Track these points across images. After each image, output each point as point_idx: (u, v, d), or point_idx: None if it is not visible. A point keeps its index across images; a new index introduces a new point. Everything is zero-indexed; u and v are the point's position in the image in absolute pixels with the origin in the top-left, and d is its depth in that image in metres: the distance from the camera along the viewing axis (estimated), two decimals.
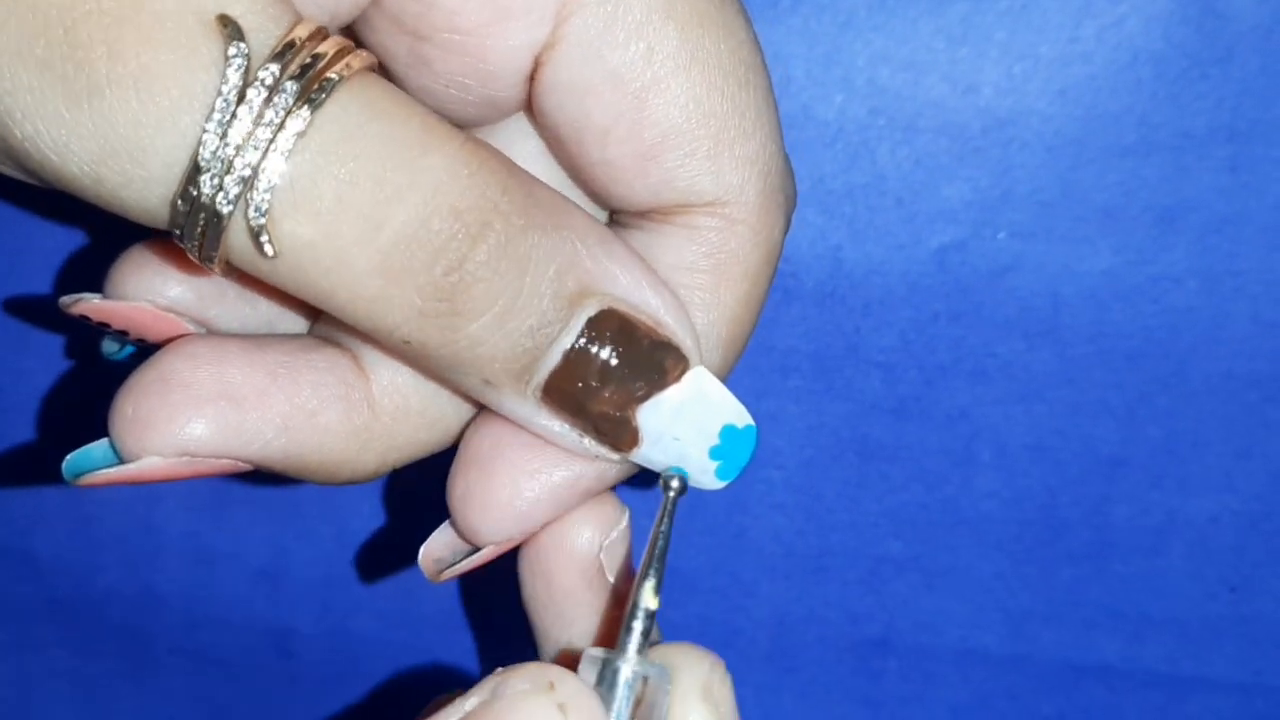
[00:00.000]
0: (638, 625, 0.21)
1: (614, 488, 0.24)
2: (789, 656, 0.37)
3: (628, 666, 0.20)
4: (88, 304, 0.24)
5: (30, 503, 0.37)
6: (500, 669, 0.20)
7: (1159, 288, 0.32)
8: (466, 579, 0.37)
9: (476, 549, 0.24)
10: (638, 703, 0.20)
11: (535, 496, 0.23)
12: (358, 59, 0.19)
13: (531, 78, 0.22)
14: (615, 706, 0.20)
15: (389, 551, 0.37)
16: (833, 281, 0.32)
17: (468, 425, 0.24)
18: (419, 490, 0.36)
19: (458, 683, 0.38)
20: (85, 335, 0.35)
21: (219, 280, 0.24)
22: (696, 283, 0.23)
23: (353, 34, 0.22)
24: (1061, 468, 0.34)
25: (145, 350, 0.25)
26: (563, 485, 0.23)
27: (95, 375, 0.36)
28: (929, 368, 0.33)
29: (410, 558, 0.37)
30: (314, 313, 0.26)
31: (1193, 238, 0.31)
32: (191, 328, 0.24)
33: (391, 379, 0.23)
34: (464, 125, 0.24)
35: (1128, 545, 0.34)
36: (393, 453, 0.23)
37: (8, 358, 0.36)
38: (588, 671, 0.21)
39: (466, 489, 0.23)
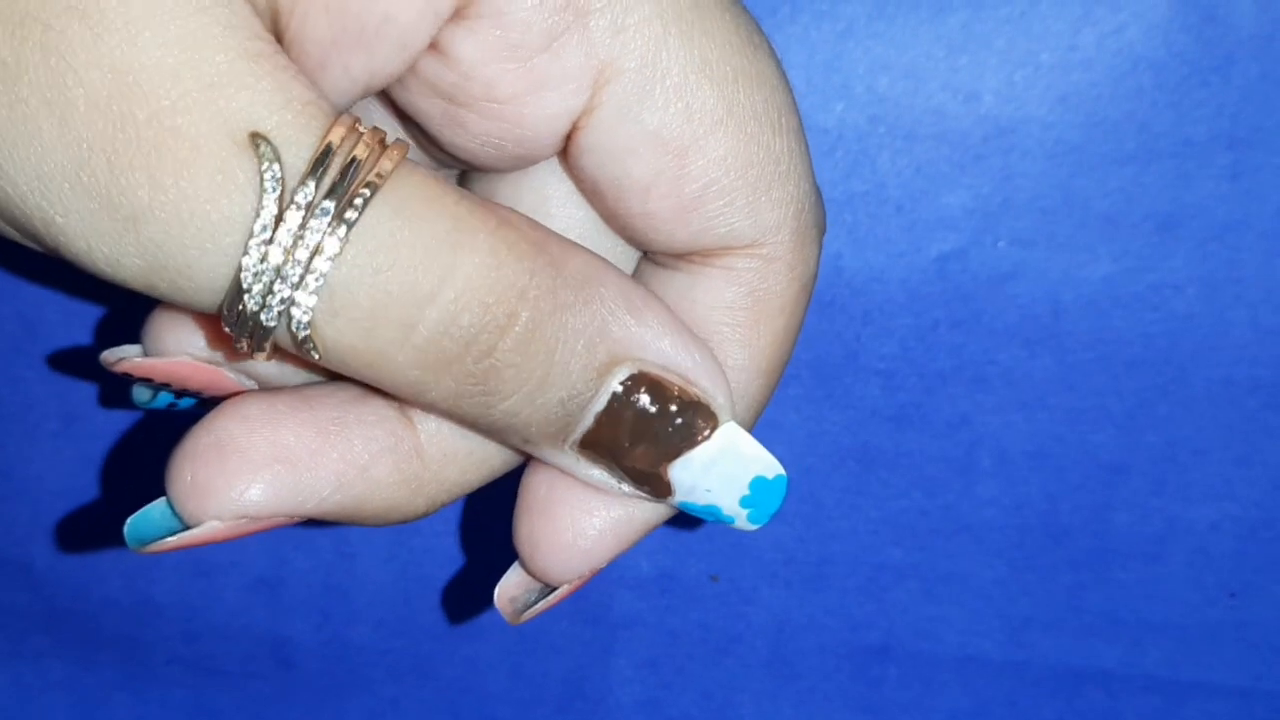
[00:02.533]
0: None
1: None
2: (789, 664, 0.37)
3: None
4: (130, 362, 0.24)
5: (27, 512, 0.37)
6: None
7: (1159, 295, 0.32)
8: (462, 589, 0.37)
9: (551, 588, 0.24)
10: None
11: (598, 534, 0.23)
12: (390, 158, 0.19)
13: (568, 137, 0.22)
14: None
15: (388, 561, 0.37)
16: (833, 289, 0.32)
17: (515, 462, 0.24)
18: None
19: (458, 693, 0.38)
20: (85, 344, 0.35)
21: None
22: (736, 320, 0.23)
23: (387, 95, 0.23)
24: (1062, 474, 0.34)
25: (182, 400, 0.26)
26: (623, 520, 0.23)
27: (94, 378, 0.36)
28: (929, 375, 0.33)
29: (408, 567, 0.37)
30: None
31: (1193, 245, 0.31)
32: (232, 376, 0.25)
33: (438, 427, 0.23)
34: (497, 171, 0.24)
35: (1128, 551, 0.34)
36: (442, 494, 0.24)
37: (3, 368, 0.36)
38: None
39: (532, 533, 0.24)
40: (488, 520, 0.36)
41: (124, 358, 0.24)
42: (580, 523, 0.23)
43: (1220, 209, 0.31)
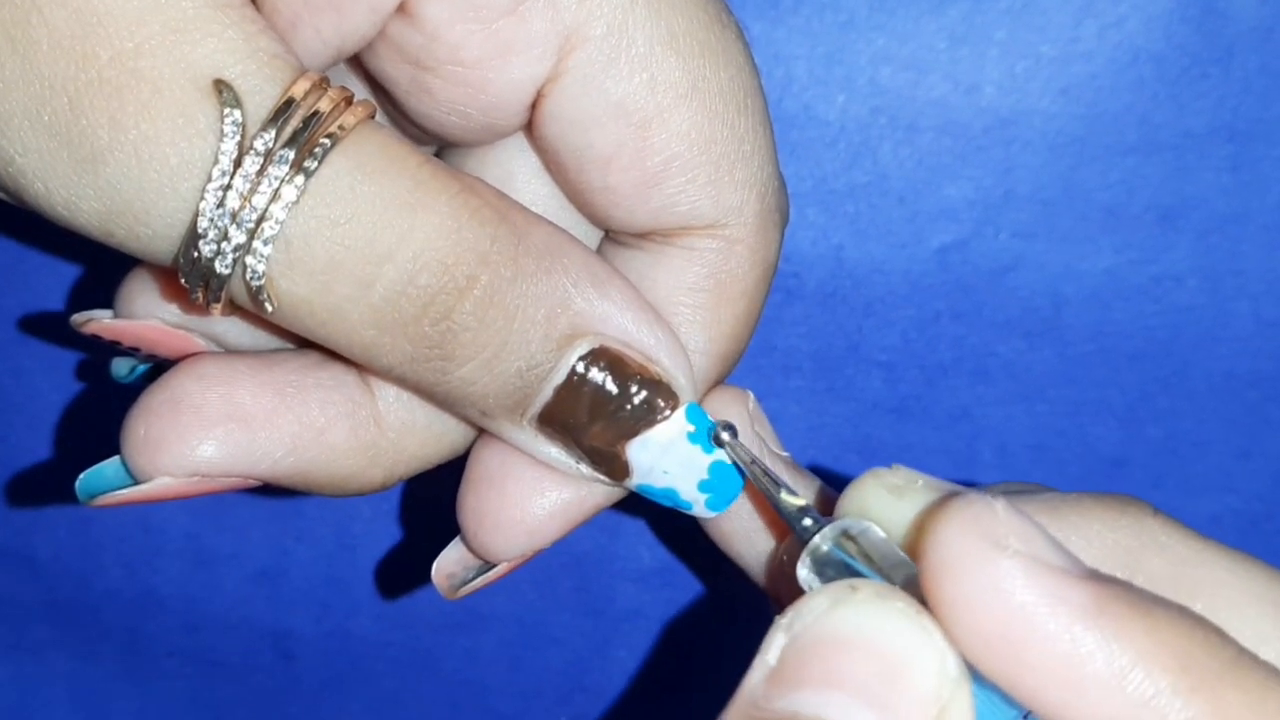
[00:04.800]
0: (803, 517, 0.20)
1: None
2: None
3: (830, 532, 0.19)
4: (99, 323, 0.24)
5: (29, 504, 0.37)
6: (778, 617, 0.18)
7: (1160, 287, 0.32)
8: None
9: (490, 565, 0.24)
10: (868, 557, 0.19)
11: (546, 513, 0.23)
12: (354, 114, 0.19)
13: (533, 107, 0.22)
14: (883, 555, 0.19)
15: (389, 553, 0.37)
16: (834, 281, 0.32)
17: (475, 438, 0.24)
18: (418, 492, 0.36)
19: (458, 684, 0.38)
20: (82, 341, 0.35)
21: None
22: (697, 302, 0.23)
23: (357, 61, 0.23)
24: (1063, 467, 0.34)
25: (156, 371, 0.25)
26: (572, 502, 0.23)
27: (92, 376, 0.36)
28: (930, 367, 0.33)
29: (409, 559, 0.37)
30: None
31: (1194, 237, 0.31)
32: (201, 342, 0.24)
33: (397, 395, 0.23)
34: (464, 145, 0.24)
35: None
36: (400, 466, 0.24)
37: (5, 360, 0.36)
38: (808, 568, 0.20)
39: (478, 507, 0.23)
40: None
41: (93, 318, 0.24)
42: (529, 501, 0.23)
43: (1221, 201, 0.31)
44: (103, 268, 0.34)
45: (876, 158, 0.31)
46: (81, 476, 0.23)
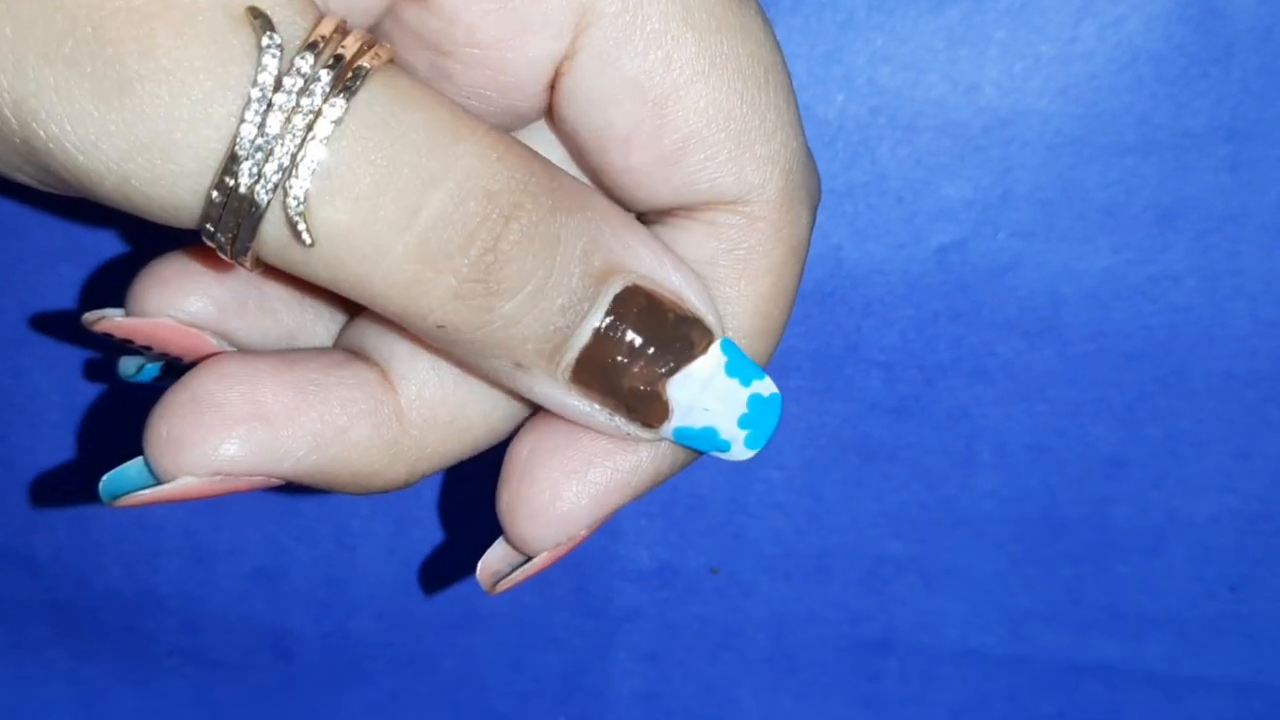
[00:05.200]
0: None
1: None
2: (789, 657, 0.37)
3: None
4: (110, 321, 0.24)
5: (28, 503, 0.37)
6: None
7: (1159, 287, 0.32)
8: (462, 581, 0.37)
9: (528, 559, 0.24)
10: None
11: (575, 497, 0.23)
12: (384, 51, 0.19)
13: (552, 87, 0.22)
14: None
15: (388, 552, 0.37)
16: (833, 280, 0.32)
17: (497, 433, 0.24)
18: (417, 489, 0.36)
19: (457, 685, 0.38)
20: (83, 339, 0.35)
21: (239, 292, 0.25)
22: (717, 276, 0.23)
23: None
24: (1062, 467, 0.34)
25: (167, 370, 0.25)
26: (601, 483, 0.23)
27: (92, 375, 0.36)
28: (929, 367, 0.33)
29: (409, 558, 0.37)
30: (340, 319, 0.26)
31: (1193, 237, 0.31)
32: (214, 341, 0.24)
33: (419, 392, 0.23)
34: None
35: (1128, 545, 0.34)
36: (422, 463, 0.23)
37: (5, 359, 0.36)
38: None
39: (511, 500, 0.23)
40: (489, 514, 0.36)
41: (104, 316, 0.24)
42: (559, 486, 0.23)
43: (1220, 201, 0.31)
44: (102, 267, 0.34)
45: (875, 157, 0.31)
46: (105, 478, 0.22)
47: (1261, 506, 0.34)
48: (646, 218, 0.24)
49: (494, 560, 0.24)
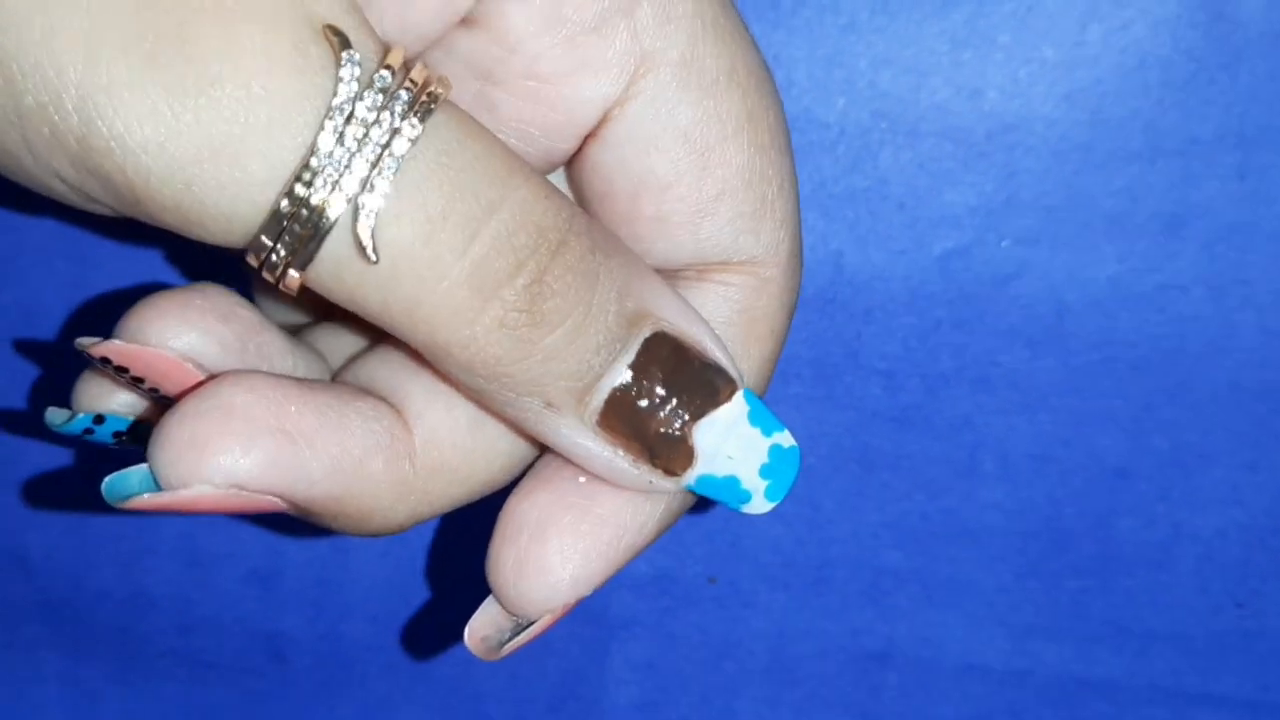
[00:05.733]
0: None
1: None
2: (788, 669, 0.36)
3: None
4: (109, 346, 0.23)
5: (22, 504, 0.37)
6: None
7: (1165, 295, 0.31)
8: (454, 584, 0.37)
9: (529, 623, 0.24)
10: None
11: (586, 558, 0.23)
12: (446, 81, 0.19)
13: (591, 132, 0.23)
14: None
15: (383, 557, 0.36)
16: (834, 287, 0.32)
17: (494, 484, 0.24)
18: None
19: (452, 691, 0.38)
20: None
21: (241, 335, 0.24)
22: (728, 337, 0.23)
23: None
24: (1066, 478, 0.33)
25: (133, 429, 0.25)
26: (613, 544, 0.23)
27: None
28: (931, 376, 0.33)
29: (404, 562, 0.37)
30: (326, 374, 0.26)
31: (1199, 245, 0.31)
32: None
33: (432, 434, 0.23)
34: None
35: (1133, 558, 0.34)
36: (424, 507, 0.23)
37: (6, 349, 0.36)
38: None
39: (519, 559, 0.23)
40: (484, 517, 0.36)
41: (102, 341, 0.23)
42: (571, 546, 0.23)
43: (1227, 209, 0.30)
44: (101, 267, 0.34)
45: (877, 162, 0.31)
46: (108, 479, 0.22)
47: (1269, 520, 0.33)
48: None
49: (483, 625, 0.24)
